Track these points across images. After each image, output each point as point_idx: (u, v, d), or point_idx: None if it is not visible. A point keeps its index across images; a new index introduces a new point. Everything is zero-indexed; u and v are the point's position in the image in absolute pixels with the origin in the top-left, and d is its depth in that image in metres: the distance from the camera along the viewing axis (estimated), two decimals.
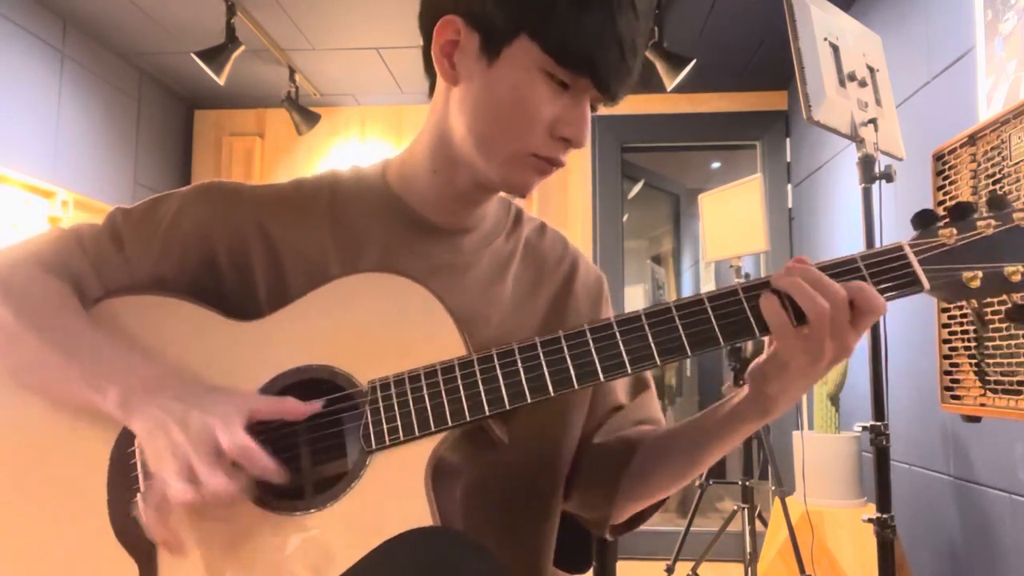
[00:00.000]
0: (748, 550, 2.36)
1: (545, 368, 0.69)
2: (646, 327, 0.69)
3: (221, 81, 3.04)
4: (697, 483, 2.55)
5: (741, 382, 2.44)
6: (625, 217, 3.98)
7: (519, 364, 0.70)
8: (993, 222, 0.66)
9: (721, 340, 0.68)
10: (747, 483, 2.48)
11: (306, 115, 3.59)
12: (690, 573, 2.57)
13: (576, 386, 0.69)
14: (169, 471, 0.64)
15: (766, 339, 0.70)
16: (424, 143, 0.83)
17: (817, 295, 0.64)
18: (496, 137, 0.75)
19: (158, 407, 0.66)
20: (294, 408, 0.70)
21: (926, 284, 0.66)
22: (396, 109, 3.97)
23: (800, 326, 0.65)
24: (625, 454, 0.87)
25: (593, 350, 0.69)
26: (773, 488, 2.40)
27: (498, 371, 0.70)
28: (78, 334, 0.73)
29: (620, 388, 0.93)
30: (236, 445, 0.64)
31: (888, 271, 0.67)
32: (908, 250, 0.67)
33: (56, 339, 0.72)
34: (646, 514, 0.90)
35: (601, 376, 0.69)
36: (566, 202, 3.82)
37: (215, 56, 2.98)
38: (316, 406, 0.70)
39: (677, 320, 0.69)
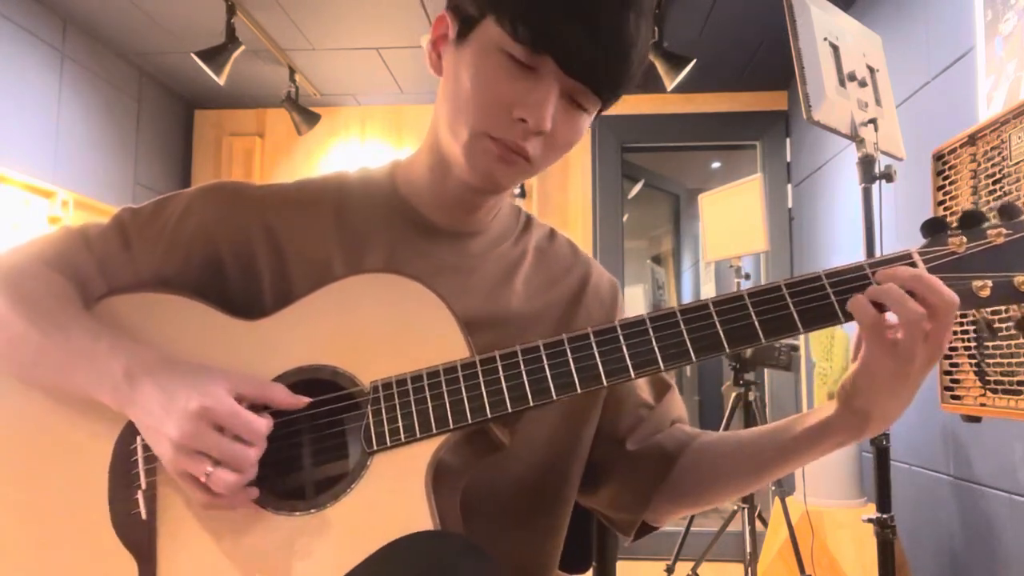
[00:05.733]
0: (748, 550, 2.36)
1: (548, 371, 0.69)
2: (650, 331, 0.69)
3: (221, 81, 3.04)
4: None
5: (741, 382, 2.45)
6: (625, 217, 3.98)
7: (522, 367, 0.69)
8: (1004, 231, 0.66)
9: (726, 345, 0.67)
10: None
11: (306, 115, 3.59)
12: (690, 573, 2.57)
13: (579, 389, 0.68)
14: (169, 466, 0.66)
15: (851, 348, 0.69)
16: (426, 144, 0.83)
17: (909, 299, 0.63)
18: (457, 119, 0.74)
19: (147, 398, 0.67)
20: (281, 396, 0.69)
21: None
22: (396, 109, 3.97)
23: (887, 326, 0.64)
24: (664, 464, 0.86)
25: (596, 353, 0.69)
26: (773, 488, 2.40)
27: (500, 373, 0.69)
28: (73, 329, 0.73)
29: (644, 389, 0.92)
30: (224, 409, 0.65)
31: None
32: (917, 257, 0.66)
33: (53, 334, 0.72)
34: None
35: (604, 380, 0.68)
36: (566, 202, 3.82)
37: (215, 56, 2.98)
38: (304, 400, 0.70)
39: (681, 324, 0.68)
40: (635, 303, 4.29)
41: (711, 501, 0.86)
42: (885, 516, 1.59)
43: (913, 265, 0.66)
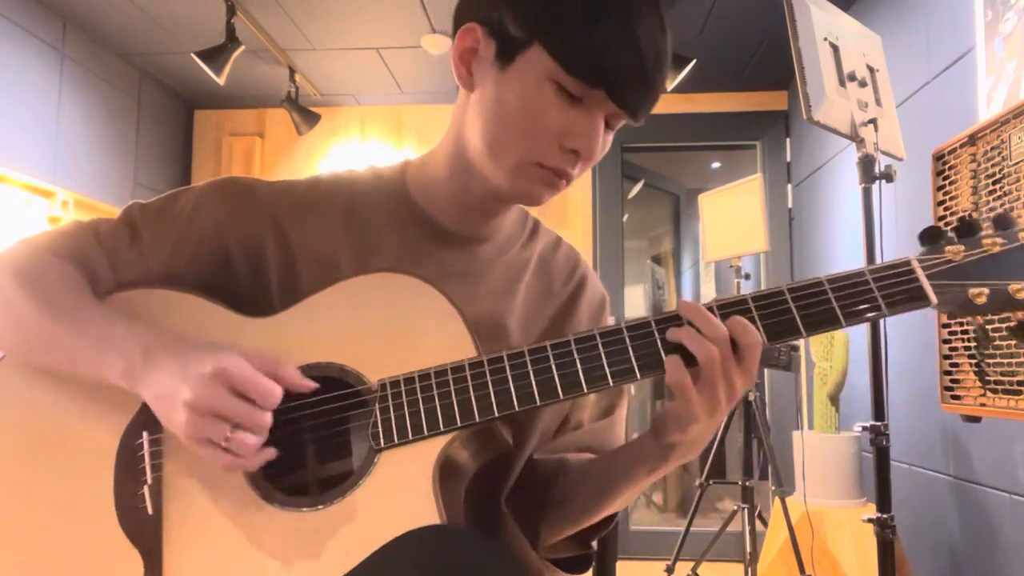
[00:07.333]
0: (748, 550, 2.36)
1: (555, 371, 0.70)
2: (655, 333, 0.69)
3: (221, 81, 3.04)
4: (697, 483, 2.55)
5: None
6: (625, 217, 3.98)
7: (529, 366, 0.70)
8: (999, 240, 0.67)
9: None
10: (747, 483, 2.48)
11: (306, 115, 3.59)
12: (690, 573, 2.58)
13: (585, 390, 0.69)
14: (186, 432, 0.65)
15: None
16: (444, 148, 0.83)
17: (704, 338, 0.66)
18: (502, 143, 0.75)
19: (161, 371, 0.67)
20: (291, 374, 0.69)
21: (934, 299, 0.67)
22: (396, 109, 3.97)
23: (695, 376, 0.67)
24: (554, 478, 0.86)
25: (603, 354, 0.70)
26: (773, 488, 2.40)
27: (508, 373, 0.70)
28: (86, 313, 0.73)
29: (589, 407, 0.92)
30: (240, 372, 0.65)
31: (896, 285, 0.68)
32: (916, 265, 0.68)
33: (65, 318, 0.73)
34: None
35: (610, 381, 0.69)
36: (566, 202, 3.82)
37: (215, 56, 2.98)
38: (312, 384, 0.70)
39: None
40: (635, 303, 4.29)
41: (566, 523, 0.85)
42: (885, 516, 1.60)
43: (911, 272, 0.68)
